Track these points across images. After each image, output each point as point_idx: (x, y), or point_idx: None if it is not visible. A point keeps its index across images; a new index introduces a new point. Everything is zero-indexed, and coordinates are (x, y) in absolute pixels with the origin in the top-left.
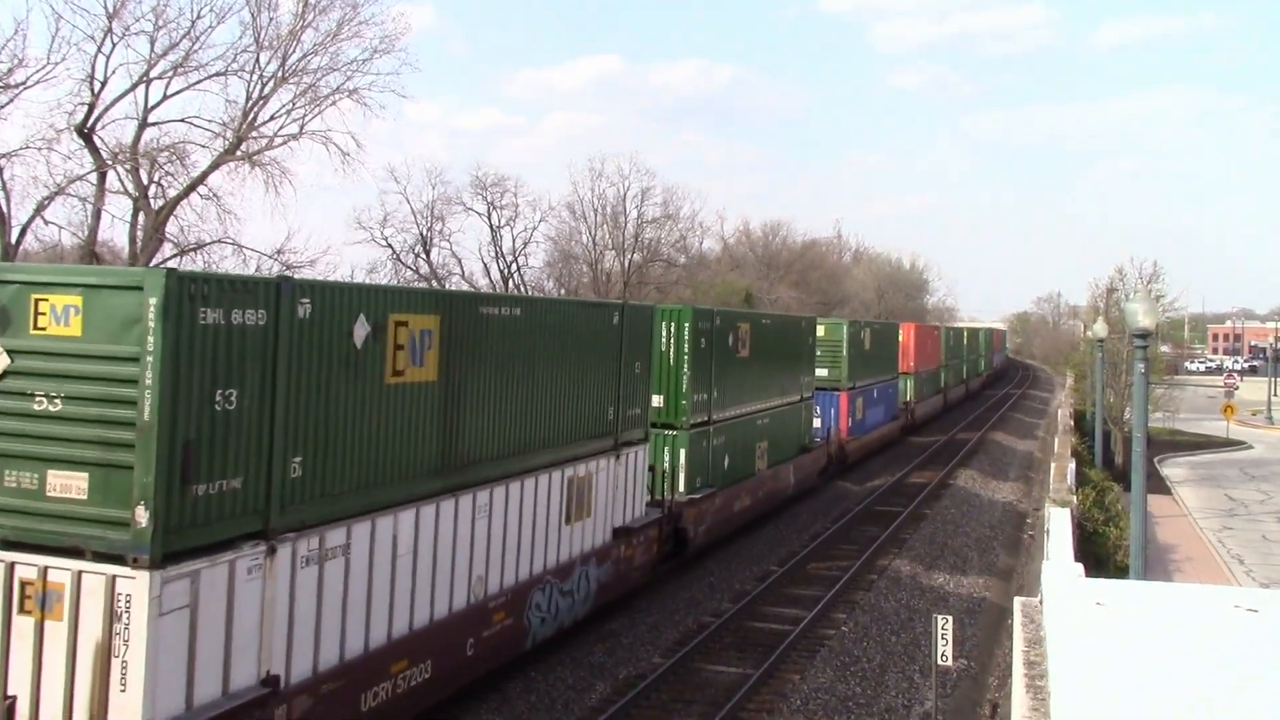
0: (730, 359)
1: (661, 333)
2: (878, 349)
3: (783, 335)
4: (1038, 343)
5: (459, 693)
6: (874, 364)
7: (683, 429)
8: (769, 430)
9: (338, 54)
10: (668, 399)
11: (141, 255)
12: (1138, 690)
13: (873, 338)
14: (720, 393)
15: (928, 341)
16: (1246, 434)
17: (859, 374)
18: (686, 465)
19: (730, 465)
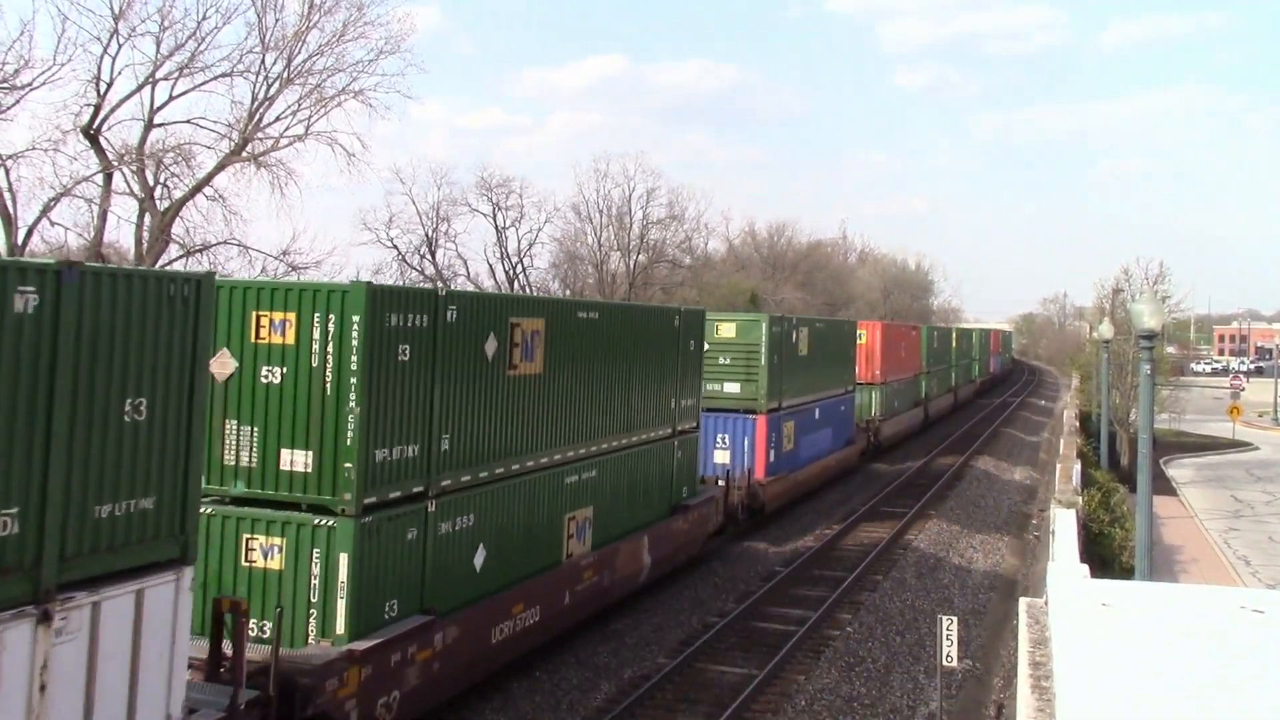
0: (498, 380)
1: None
2: (823, 355)
3: (627, 336)
4: (1044, 344)
5: (461, 693)
6: (816, 374)
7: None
8: (597, 488)
9: (343, 55)
10: None
11: (147, 256)
12: (1143, 691)
13: (814, 340)
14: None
15: (901, 344)
16: (1253, 435)
17: (790, 388)
18: None
19: (490, 567)
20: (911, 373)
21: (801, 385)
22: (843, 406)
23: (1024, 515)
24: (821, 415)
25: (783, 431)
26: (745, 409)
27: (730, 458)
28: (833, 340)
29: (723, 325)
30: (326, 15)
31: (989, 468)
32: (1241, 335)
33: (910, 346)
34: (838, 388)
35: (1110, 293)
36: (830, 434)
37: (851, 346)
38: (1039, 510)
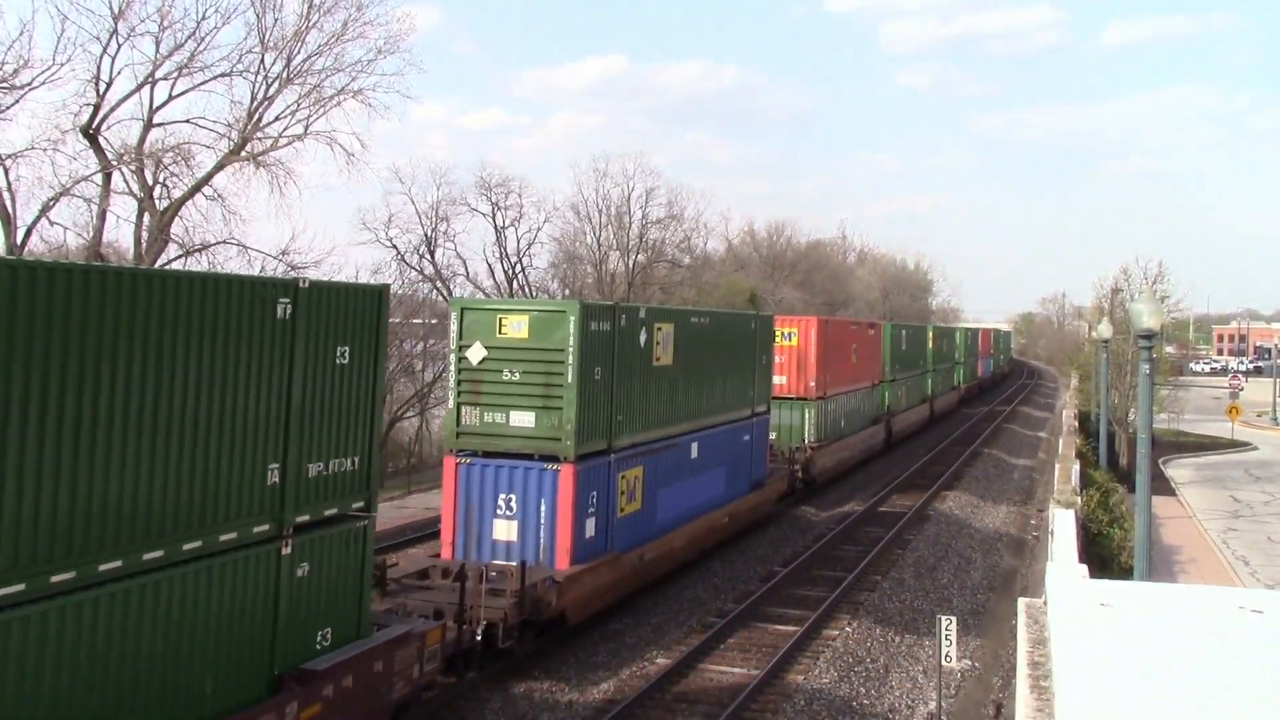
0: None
1: None
2: (706, 364)
3: (725, 336)
4: (1043, 343)
5: (462, 692)
6: (695, 392)
7: None
8: (719, 450)
9: (342, 55)
10: None
11: (146, 256)
12: (1142, 691)
13: (688, 342)
14: None
15: (850, 347)
16: (1252, 435)
17: (638, 417)
18: None
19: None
20: (869, 382)
21: (663, 410)
22: (746, 435)
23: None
24: (704, 452)
25: (614, 487)
26: (545, 454)
27: (519, 533)
28: (726, 343)
29: (508, 318)
30: (326, 15)
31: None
32: (1240, 335)
33: (866, 350)
34: (736, 410)
35: (1109, 292)
36: (722, 476)
37: (763, 351)
38: (1038, 510)
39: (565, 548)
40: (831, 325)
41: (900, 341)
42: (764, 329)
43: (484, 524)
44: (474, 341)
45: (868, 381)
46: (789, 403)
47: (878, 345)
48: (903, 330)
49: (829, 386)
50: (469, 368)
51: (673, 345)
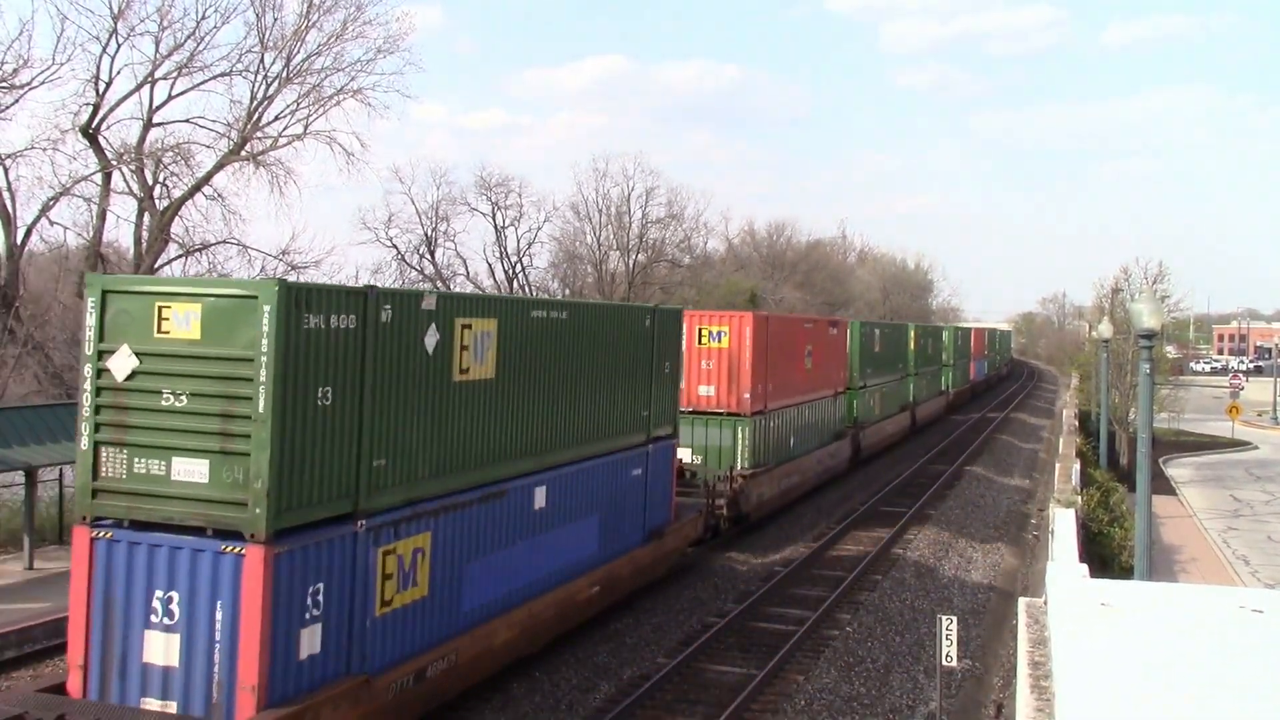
0: None
1: None
2: (571, 373)
3: None
4: (1043, 343)
5: (461, 693)
6: (541, 417)
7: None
8: None
9: (342, 54)
10: None
11: (147, 256)
12: (1142, 691)
13: (524, 344)
14: None
15: (801, 348)
16: (1252, 434)
17: (414, 465)
18: None
19: None
20: (829, 390)
21: (475, 447)
22: (637, 469)
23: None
24: (559, 499)
25: (369, 570)
26: (221, 527)
27: (182, 655)
28: (602, 347)
29: (173, 307)
30: (325, 15)
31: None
32: (1241, 335)
33: (827, 352)
34: (619, 437)
35: (1110, 292)
36: (594, 529)
37: (667, 357)
38: (1039, 509)
39: (251, 680)
40: (775, 323)
41: (872, 342)
42: (667, 327)
43: (129, 639)
44: (120, 344)
45: (828, 390)
46: (718, 420)
47: (842, 347)
48: (875, 329)
49: (771, 398)
50: (111, 386)
51: (494, 350)
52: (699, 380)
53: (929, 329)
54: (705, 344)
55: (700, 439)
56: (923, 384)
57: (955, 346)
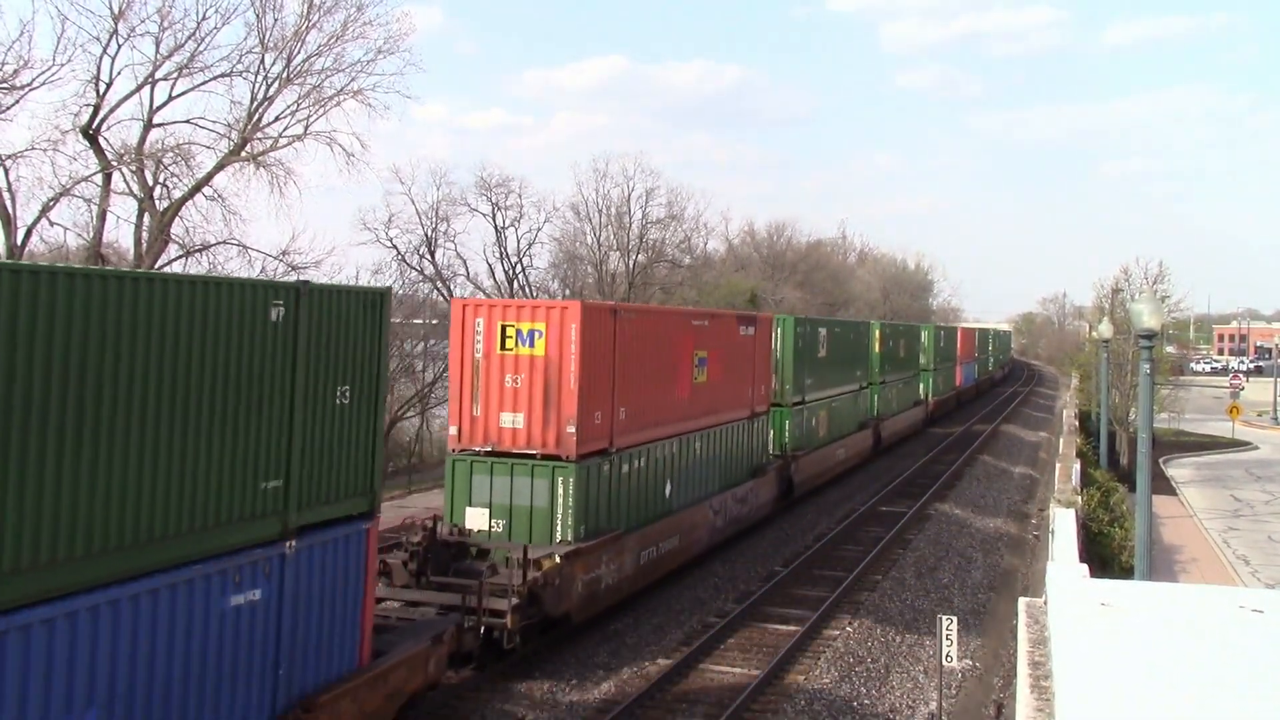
0: None
1: None
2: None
3: None
4: (1043, 343)
5: (461, 693)
6: None
7: None
8: None
9: (342, 55)
10: None
11: (147, 257)
12: (1142, 691)
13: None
14: None
15: (681, 355)
16: (1252, 434)
17: None
18: None
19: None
20: (739, 413)
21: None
22: (242, 597)
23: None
24: None
25: None
26: None
27: None
28: (168, 341)
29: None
30: (326, 15)
31: None
32: (1241, 335)
33: (734, 359)
34: (219, 534)
35: (1110, 292)
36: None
37: (358, 365)
38: (1039, 509)
39: None
40: (627, 320)
41: (813, 345)
42: (344, 318)
43: None
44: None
45: (739, 411)
46: (527, 466)
47: (764, 352)
48: (819, 329)
49: (623, 430)
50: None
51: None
52: (501, 405)
53: (900, 328)
54: (511, 349)
55: (503, 495)
56: (891, 394)
57: (937, 348)
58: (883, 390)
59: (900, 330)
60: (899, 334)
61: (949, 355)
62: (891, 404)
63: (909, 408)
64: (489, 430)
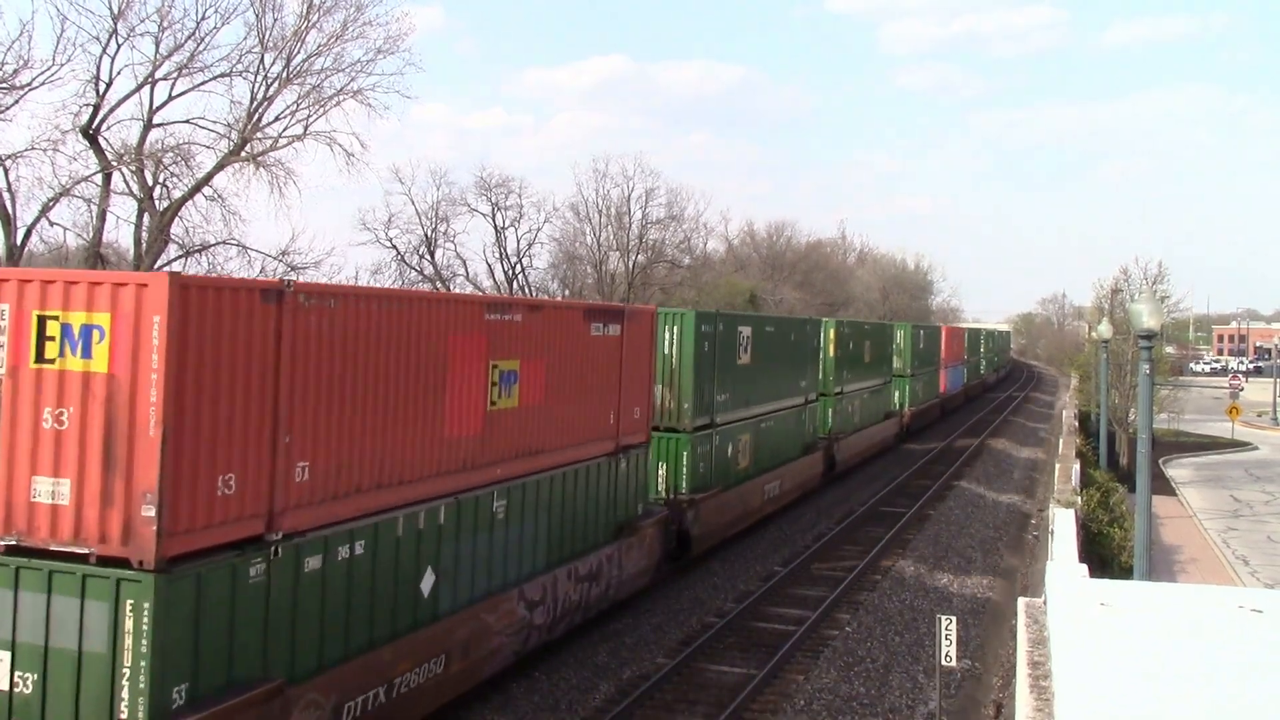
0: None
1: None
2: None
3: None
4: (1042, 344)
5: (463, 694)
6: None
7: None
8: None
9: (342, 55)
10: None
11: (146, 257)
12: (1141, 691)
13: None
14: None
15: (449, 363)
16: (1251, 435)
17: None
18: None
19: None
20: (589, 448)
21: None
22: None
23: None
24: None
25: None
26: None
27: None
28: None
29: None
30: (325, 15)
31: None
32: (1240, 335)
33: (579, 372)
34: None
35: (1109, 292)
36: None
37: None
38: (1038, 510)
39: None
40: (309, 311)
41: (730, 348)
42: None
43: None
44: None
45: (588, 447)
46: (75, 578)
47: (639, 359)
48: (739, 328)
49: (306, 502)
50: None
51: None
52: (33, 462)
53: (866, 328)
54: (54, 360)
55: (33, 628)
56: (851, 406)
57: (915, 351)
58: (840, 402)
59: (866, 330)
60: (864, 335)
61: (930, 358)
62: (852, 418)
63: (877, 421)
64: (12, 506)
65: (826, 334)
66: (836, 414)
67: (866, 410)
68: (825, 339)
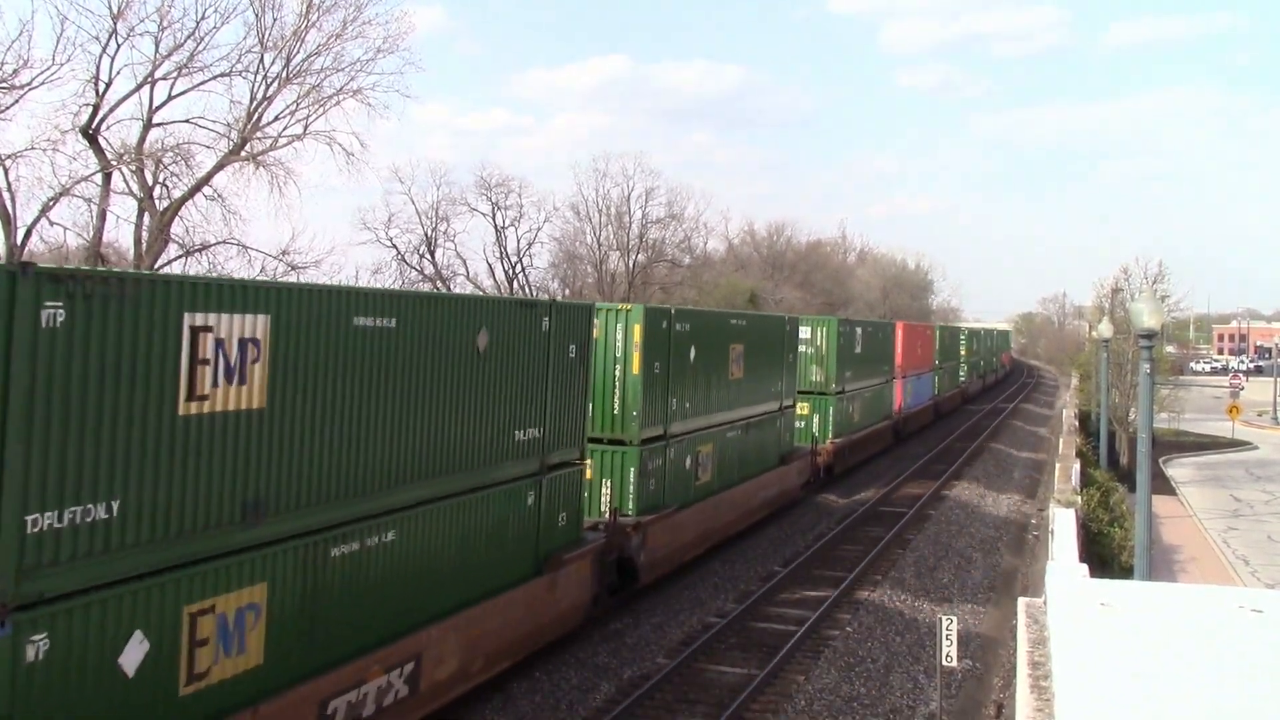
0: None
1: None
2: None
3: None
4: (1043, 343)
5: (460, 695)
6: None
7: None
8: None
9: (341, 54)
10: None
11: (146, 256)
12: (1142, 691)
13: None
14: None
15: None
16: (1252, 434)
17: None
18: None
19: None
20: None
21: None
22: None
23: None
24: None
25: None
26: None
27: None
28: None
29: None
30: (325, 15)
31: None
32: (1241, 334)
33: None
34: None
35: (1109, 292)
36: None
37: None
38: (1039, 510)
39: None
40: None
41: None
42: None
43: None
44: None
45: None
46: None
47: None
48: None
49: None
50: None
51: None
52: None
53: (736, 324)
54: None
55: None
56: (673, 461)
57: (849, 357)
58: (645, 457)
59: (731, 328)
60: (724, 334)
61: (877, 367)
62: (684, 480)
63: (756, 475)
64: None
65: (630, 329)
66: (643, 482)
67: (733, 457)
68: (625, 347)
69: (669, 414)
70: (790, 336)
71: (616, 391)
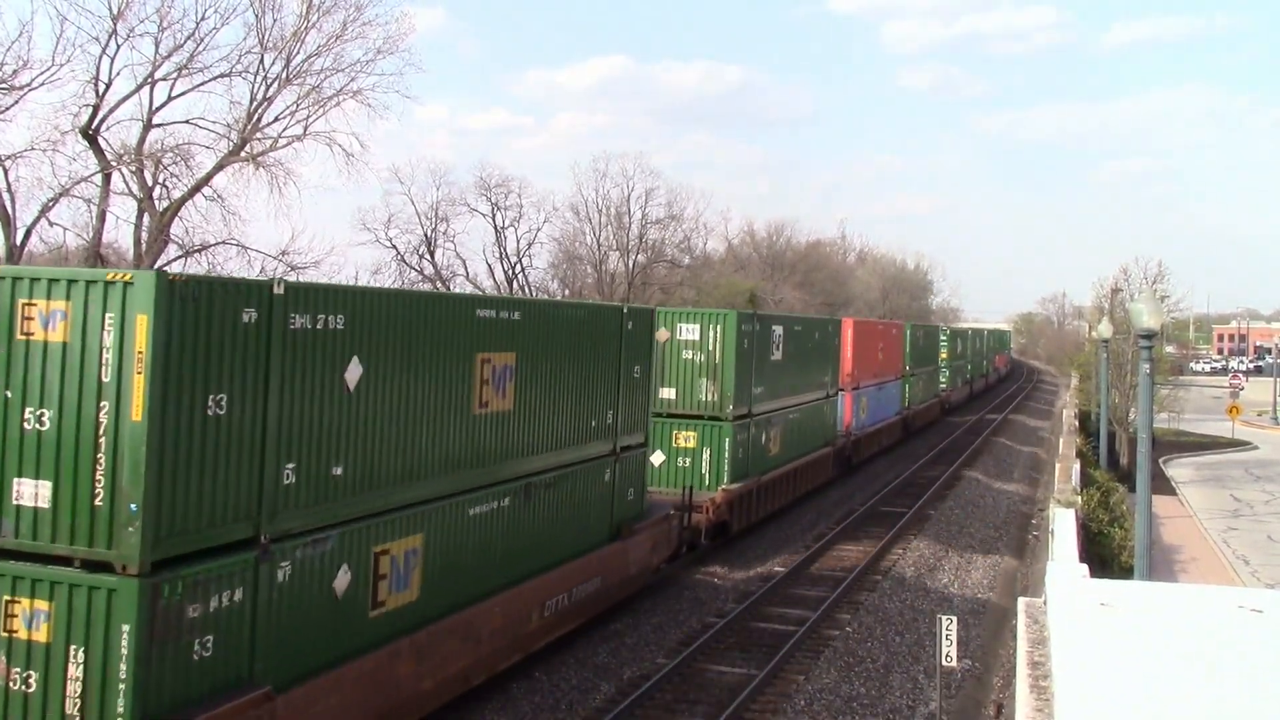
0: None
1: None
2: None
3: None
4: (1042, 343)
5: (461, 695)
6: None
7: None
8: None
9: (341, 55)
10: None
11: (146, 257)
12: (1141, 690)
13: None
14: None
15: None
16: (1252, 434)
17: None
18: None
19: None
20: None
21: None
22: None
23: None
24: None
25: None
26: None
27: None
28: None
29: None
30: (325, 15)
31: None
32: (1241, 335)
33: None
34: None
35: (1109, 292)
36: None
37: None
38: (1039, 510)
39: None
40: None
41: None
42: None
43: None
44: None
45: None
46: None
47: None
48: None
49: None
50: None
51: None
52: None
53: (587, 312)
54: None
55: None
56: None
57: (765, 368)
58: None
59: (562, 317)
60: (517, 325)
61: (813, 378)
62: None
63: (570, 557)
64: None
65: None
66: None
67: (578, 534)
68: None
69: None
70: (636, 337)
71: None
